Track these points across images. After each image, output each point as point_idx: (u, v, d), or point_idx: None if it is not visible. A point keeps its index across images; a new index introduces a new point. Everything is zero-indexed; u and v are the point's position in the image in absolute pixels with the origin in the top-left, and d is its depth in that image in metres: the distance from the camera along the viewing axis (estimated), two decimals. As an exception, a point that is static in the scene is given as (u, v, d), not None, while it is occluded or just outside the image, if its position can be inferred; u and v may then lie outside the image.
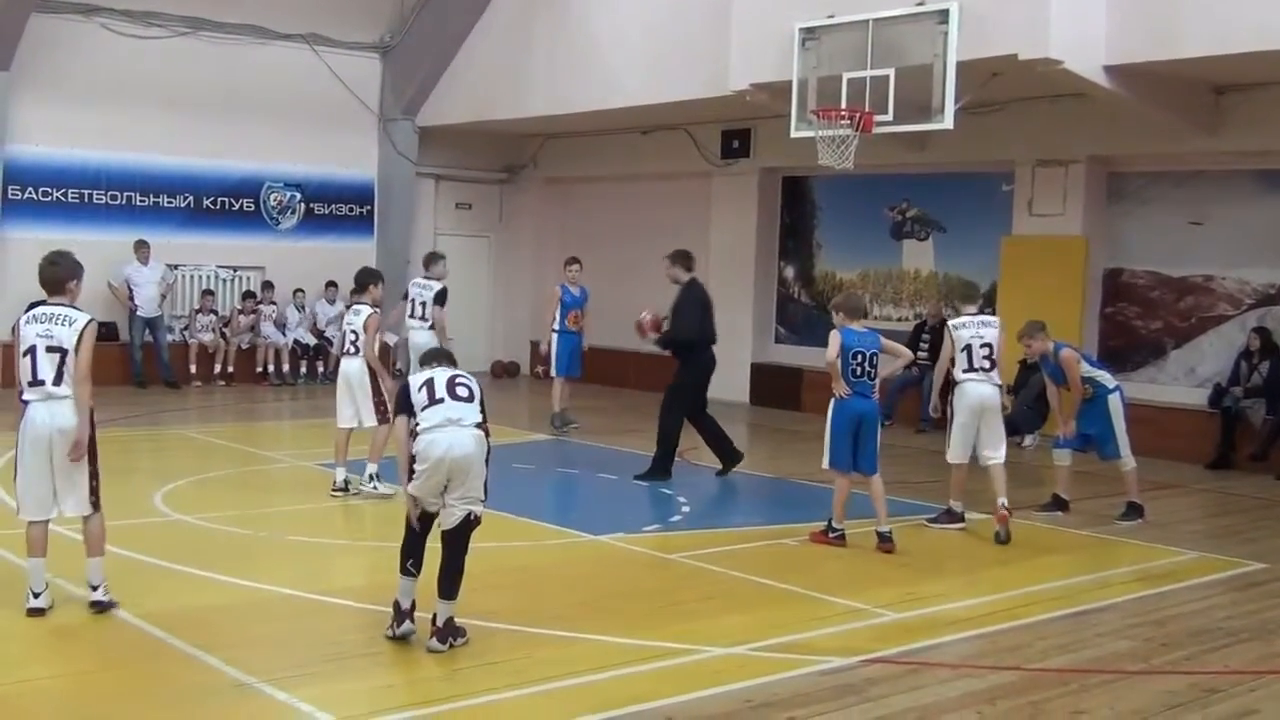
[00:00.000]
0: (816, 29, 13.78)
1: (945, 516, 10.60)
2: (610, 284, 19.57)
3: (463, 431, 6.80)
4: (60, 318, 7.12)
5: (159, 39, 18.99)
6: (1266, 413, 14.11)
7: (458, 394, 6.90)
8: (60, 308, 7.19)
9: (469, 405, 6.90)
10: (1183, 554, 9.93)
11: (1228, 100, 14.31)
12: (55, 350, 7.07)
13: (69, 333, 7.07)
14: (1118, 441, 11.07)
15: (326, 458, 12.44)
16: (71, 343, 7.06)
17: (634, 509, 11.06)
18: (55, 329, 7.08)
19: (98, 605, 7.22)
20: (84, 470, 7.22)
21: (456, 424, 6.80)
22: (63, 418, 7.09)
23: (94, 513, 7.30)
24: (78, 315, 7.16)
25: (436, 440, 6.74)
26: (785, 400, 18.48)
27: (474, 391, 6.99)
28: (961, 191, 17.33)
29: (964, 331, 10.52)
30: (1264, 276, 14.59)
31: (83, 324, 7.11)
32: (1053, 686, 6.55)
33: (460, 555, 6.84)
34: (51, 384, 7.07)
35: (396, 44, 21.08)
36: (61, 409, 7.09)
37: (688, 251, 12.95)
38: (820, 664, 6.77)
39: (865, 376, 9.59)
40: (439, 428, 6.77)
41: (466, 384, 6.98)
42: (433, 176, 22.18)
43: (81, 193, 18.90)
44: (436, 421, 6.79)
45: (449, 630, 6.79)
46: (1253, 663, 7.13)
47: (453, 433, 6.76)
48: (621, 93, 17.62)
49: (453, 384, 6.93)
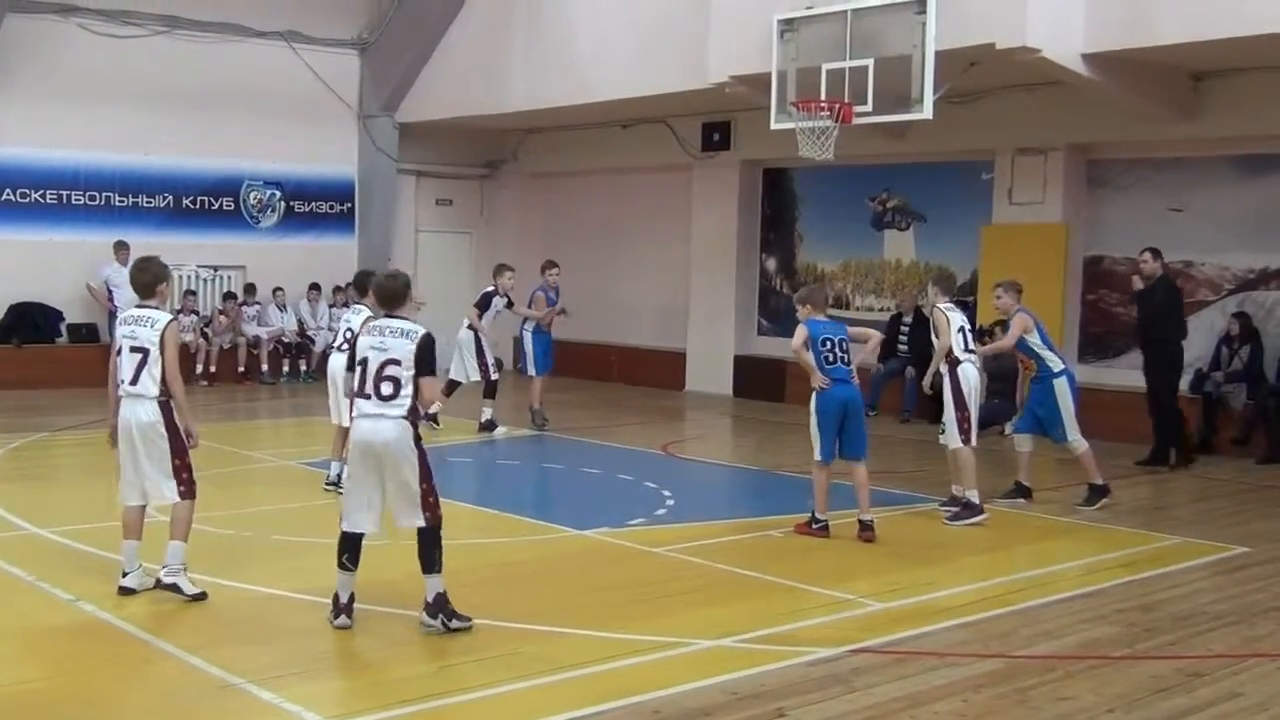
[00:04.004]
0: (795, 20, 13.80)
1: (966, 511, 10.37)
2: (592, 277, 19.59)
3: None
4: (145, 320, 7.52)
5: (136, 38, 18.91)
6: (1247, 397, 14.19)
7: (382, 392, 6.96)
8: (147, 310, 7.58)
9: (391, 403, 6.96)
10: (1166, 539, 9.98)
11: (1205, 87, 14.36)
12: (137, 350, 7.45)
13: (151, 334, 7.45)
14: (1064, 425, 11.02)
15: (310, 456, 12.45)
16: (153, 343, 7.43)
17: (618, 503, 11.06)
18: (139, 330, 7.48)
19: (159, 584, 7.53)
20: (167, 461, 7.53)
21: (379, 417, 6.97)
22: (141, 413, 7.45)
23: (181, 500, 7.60)
24: (160, 317, 7.53)
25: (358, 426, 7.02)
26: (768, 392, 18.49)
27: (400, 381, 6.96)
28: (942, 181, 17.36)
29: (956, 315, 10.77)
30: (1243, 261, 14.65)
31: (163, 325, 7.48)
32: (1038, 673, 6.57)
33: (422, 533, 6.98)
34: (129, 383, 7.46)
35: (375, 40, 21.04)
36: (139, 406, 7.46)
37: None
38: (807, 655, 6.78)
39: (840, 362, 9.57)
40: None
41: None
42: (413, 173, 22.14)
43: (60, 193, 18.83)
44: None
45: (439, 606, 6.83)
46: (1236, 646, 7.17)
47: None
48: (601, 86, 17.61)
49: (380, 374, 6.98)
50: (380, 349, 6.95)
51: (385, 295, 7.21)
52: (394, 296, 7.16)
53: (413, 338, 6.95)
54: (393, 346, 6.94)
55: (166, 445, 7.51)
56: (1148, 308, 13.24)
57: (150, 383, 7.43)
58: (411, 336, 6.95)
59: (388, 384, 6.89)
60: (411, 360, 6.91)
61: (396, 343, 6.95)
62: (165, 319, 7.50)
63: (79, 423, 14.84)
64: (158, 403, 7.46)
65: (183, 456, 7.58)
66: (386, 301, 7.19)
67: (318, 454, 12.52)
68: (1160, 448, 13.36)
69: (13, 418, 14.98)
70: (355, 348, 7.12)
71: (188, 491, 7.61)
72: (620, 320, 20.86)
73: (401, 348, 6.93)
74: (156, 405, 7.46)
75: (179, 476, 7.56)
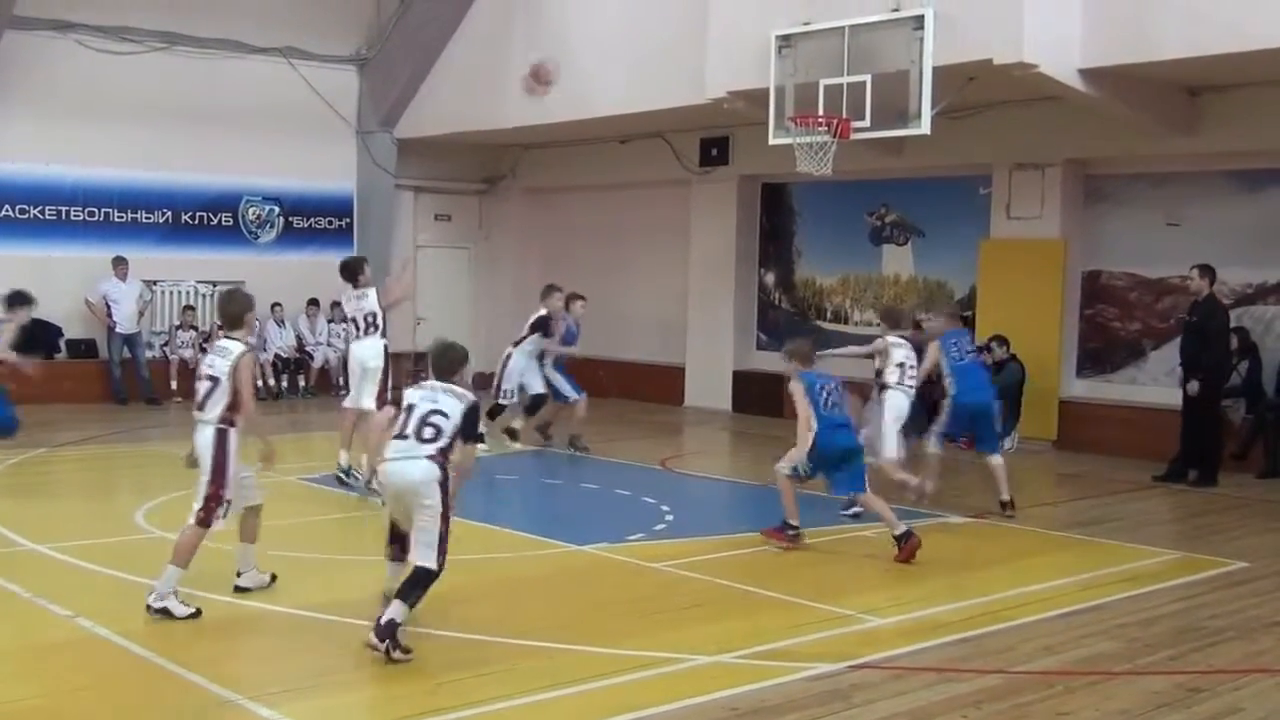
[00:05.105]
0: (793, 36, 13.82)
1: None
2: (590, 293, 19.52)
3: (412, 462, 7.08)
4: (224, 351, 7.76)
5: (134, 54, 18.93)
6: (1246, 412, 14.19)
7: (423, 435, 7.10)
8: (229, 342, 7.83)
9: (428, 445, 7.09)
10: (1166, 554, 9.97)
11: (1202, 101, 14.39)
12: (210, 379, 7.70)
13: (224, 364, 7.68)
14: (933, 431, 11.50)
15: (308, 472, 12.47)
16: (224, 373, 7.64)
17: (617, 518, 11.05)
18: (216, 360, 7.74)
19: (149, 609, 7.52)
20: (205, 487, 7.66)
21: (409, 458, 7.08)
22: (200, 439, 7.69)
23: (194, 525, 7.64)
24: (236, 349, 7.72)
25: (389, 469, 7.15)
26: (767, 407, 18.45)
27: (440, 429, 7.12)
28: (940, 196, 17.39)
29: (898, 351, 11.41)
30: (1241, 277, 14.66)
31: (236, 356, 7.67)
32: (1038, 689, 6.56)
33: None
34: (197, 408, 7.76)
35: (373, 56, 21.07)
36: (202, 431, 7.69)
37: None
38: (806, 670, 6.77)
39: (836, 409, 9.68)
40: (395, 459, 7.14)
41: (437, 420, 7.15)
42: (412, 188, 22.16)
43: (58, 209, 18.82)
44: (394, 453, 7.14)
45: (389, 631, 6.75)
46: (1237, 661, 7.15)
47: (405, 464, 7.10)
48: (599, 102, 17.63)
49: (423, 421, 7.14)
50: (431, 400, 7.20)
51: (441, 367, 7.42)
52: (451, 366, 7.41)
53: (464, 400, 7.19)
54: (443, 401, 7.18)
55: (210, 469, 7.66)
56: (1192, 327, 13.23)
57: (213, 410, 7.65)
58: (463, 400, 7.19)
59: (429, 429, 7.10)
60: (459, 418, 7.13)
61: (448, 400, 7.19)
62: (239, 351, 7.69)
63: (78, 439, 14.84)
64: (214, 429, 7.64)
65: (217, 486, 7.66)
66: (442, 373, 7.40)
67: (316, 469, 12.53)
68: (1183, 463, 13.31)
69: (11, 433, 14.95)
70: (403, 395, 7.39)
71: (204, 520, 7.65)
72: (619, 335, 20.85)
73: (453, 406, 7.16)
74: (214, 431, 7.64)
75: (205, 502, 7.65)
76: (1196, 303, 13.28)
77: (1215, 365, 13.22)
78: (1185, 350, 13.42)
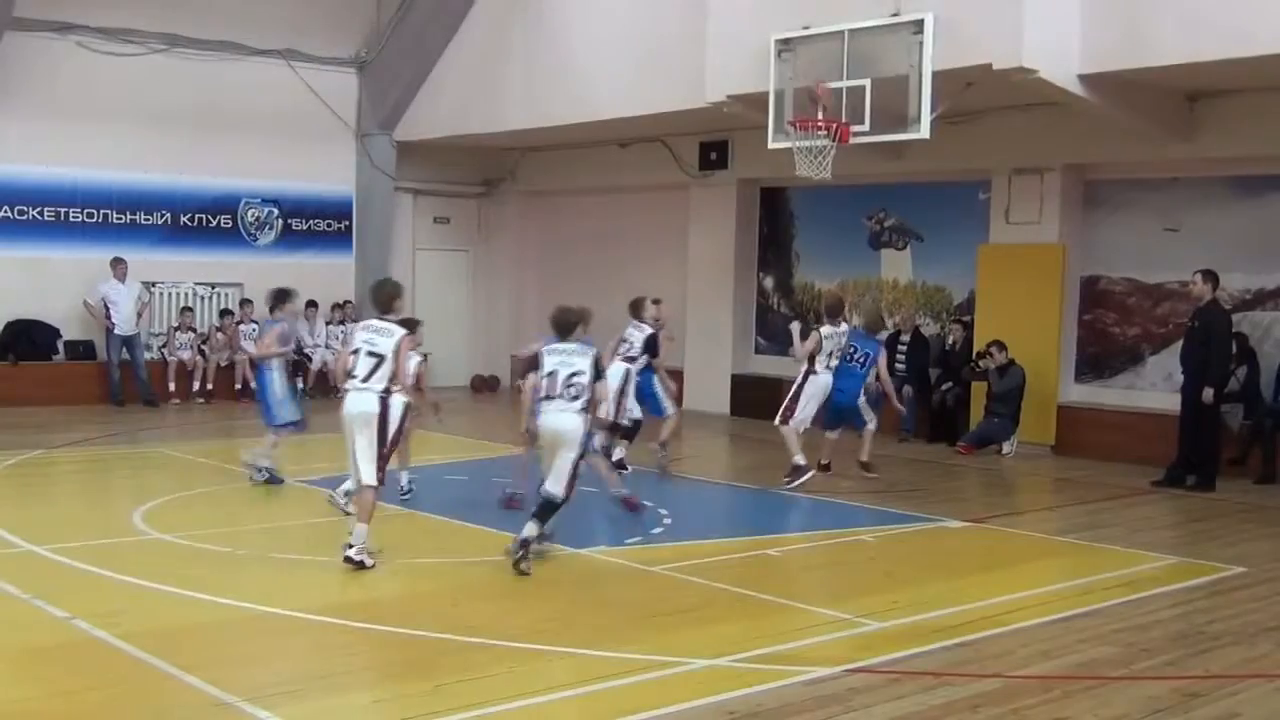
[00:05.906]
0: (792, 40, 13.82)
1: (794, 473, 12.57)
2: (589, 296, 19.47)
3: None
4: (384, 330, 8.97)
5: (135, 56, 18.94)
6: (1244, 417, 14.19)
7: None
8: (385, 322, 9.03)
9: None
10: (1163, 559, 9.96)
11: (1201, 107, 14.39)
12: (374, 355, 8.86)
13: (388, 343, 8.89)
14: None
15: (307, 474, 12.45)
16: (389, 351, 8.85)
17: (615, 522, 11.04)
18: (378, 339, 8.92)
19: (349, 561, 8.63)
20: (374, 448, 8.79)
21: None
22: (364, 404, 8.80)
23: (373, 485, 8.80)
24: (396, 330, 8.97)
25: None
26: (766, 411, 18.35)
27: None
28: (939, 200, 17.39)
29: (829, 341, 12.86)
30: (1239, 282, 14.66)
31: (398, 337, 8.92)
32: (1036, 694, 6.55)
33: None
34: (362, 380, 8.83)
35: (373, 59, 21.08)
36: (365, 398, 8.82)
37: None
38: (803, 674, 6.76)
39: (845, 360, 10.15)
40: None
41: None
42: (411, 191, 22.17)
43: (58, 210, 18.83)
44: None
45: (524, 546, 8.68)
46: (1234, 666, 7.15)
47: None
48: (599, 105, 17.64)
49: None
50: (567, 364, 9.00)
51: (562, 325, 9.18)
52: (569, 326, 9.19)
53: (589, 354, 9.05)
54: (578, 362, 9.01)
55: (375, 434, 8.76)
56: (1193, 332, 13.23)
57: (379, 382, 8.80)
58: (587, 354, 9.05)
59: (574, 388, 8.92)
60: (590, 369, 9.00)
61: (580, 359, 9.03)
62: (401, 334, 8.93)
63: (76, 440, 14.84)
64: (379, 396, 8.77)
65: (388, 446, 8.90)
66: (563, 331, 9.16)
67: (315, 471, 12.52)
68: (1182, 468, 13.31)
69: (9, 435, 14.95)
70: (538, 360, 9.09)
71: (382, 479, 8.87)
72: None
73: (584, 362, 9.02)
74: (378, 398, 8.77)
75: (379, 462, 8.79)
76: (1198, 308, 13.28)
77: (1212, 365, 13.19)
78: (1186, 356, 13.42)
